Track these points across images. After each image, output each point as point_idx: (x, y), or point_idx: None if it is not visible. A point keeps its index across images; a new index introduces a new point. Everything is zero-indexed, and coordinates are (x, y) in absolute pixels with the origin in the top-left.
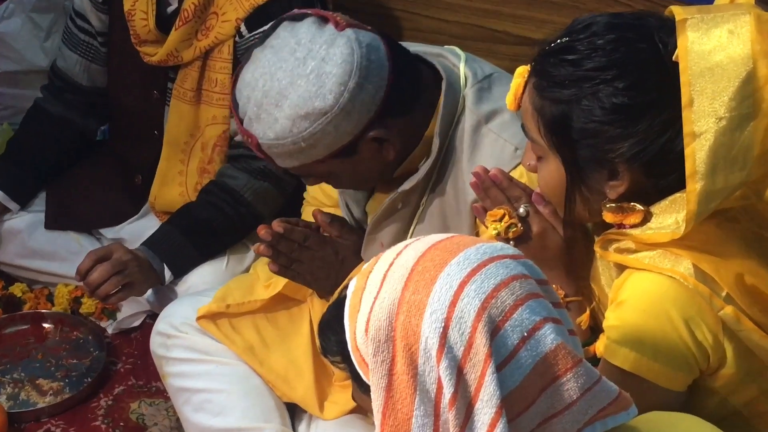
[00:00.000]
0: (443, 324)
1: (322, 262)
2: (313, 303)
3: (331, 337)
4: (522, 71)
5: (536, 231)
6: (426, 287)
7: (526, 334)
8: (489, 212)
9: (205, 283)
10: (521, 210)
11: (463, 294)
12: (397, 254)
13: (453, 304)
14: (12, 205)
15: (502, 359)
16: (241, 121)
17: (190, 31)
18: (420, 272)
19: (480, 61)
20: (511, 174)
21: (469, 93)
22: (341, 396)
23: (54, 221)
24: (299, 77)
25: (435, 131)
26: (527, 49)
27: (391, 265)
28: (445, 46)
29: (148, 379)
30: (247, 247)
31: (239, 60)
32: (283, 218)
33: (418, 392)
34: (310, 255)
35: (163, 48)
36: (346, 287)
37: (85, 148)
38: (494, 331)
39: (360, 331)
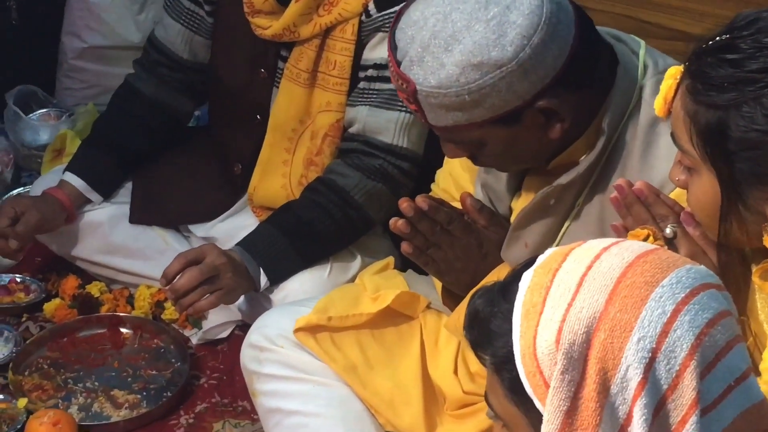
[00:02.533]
0: (650, 354)
1: (462, 252)
2: (425, 320)
3: (485, 330)
4: (674, 72)
5: (684, 255)
6: (635, 307)
7: (733, 382)
8: (630, 232)
9: (304, 291)
10: (668, 231)
11: (676, 324)
12: (595, 257)
13: (664, 333)
14: (94, 196)
15: (705, 406)
16: (399, 63)
17: (311, 4)
18: (628, 287)
19: (661, 54)
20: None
21: (647, 84)
22: (453, 427)
23: (139, 215)
24: (478, 21)
25: (604, 121)
26: (681, 44)
27: (588, 268)
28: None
29: (234, 398)
30: (353, 255)
31: (363, 42)
32: (427, 195)
33: (602, 425)
34: (451, 241)
35: (279, 21)
36: (513, 279)
37: (178, 134)
38: (703, 373)
39: (546, 339)
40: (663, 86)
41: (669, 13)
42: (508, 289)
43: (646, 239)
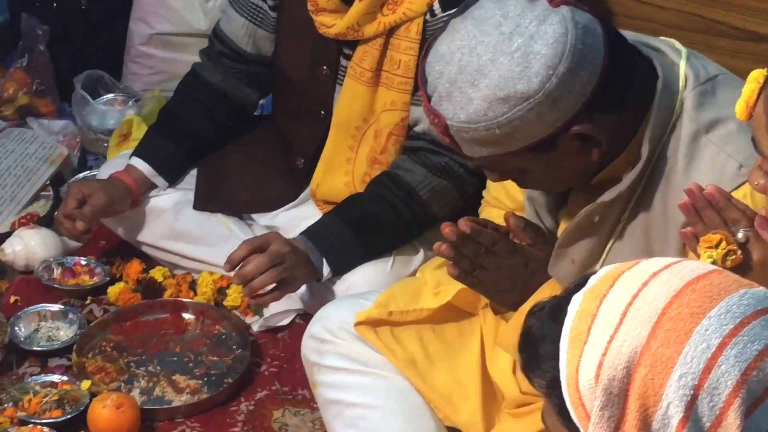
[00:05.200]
0: (692, 392)
1: (508, 272)
2: (485, 318)
3: (534, 352)
4: (757, 75)
5: (757, 260)
6: (678, 341)
7: None
8: (703, 237)
9: (366, 284)
10: (740, 235)
11: (721, 359)
12: (643, 285)
13: (708, 369)
14: (159, 182)
15: None
16: (429, 99)
17: (375, 3)
18: (673, 319)
19: (703, 59)
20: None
21: (688, 96)
22: (511, 425)
23: (203, 202)
24: (502, 54)
25: (645, 136)
26: (751, 45)
27: (634, 297)
28: (663, 38)
29: (294, 386)
30: (415, 248)
31: (428, 41)
32: (470, 218)
33: None
34: (497, 262)
35: (343, 20)
36: (564, 299)
37: (243, 124)
38: (749, 410)
39: (587, 373)
40: (745, 90)
41: (741, 12)
42: (559, 309)
43: (718, 244)
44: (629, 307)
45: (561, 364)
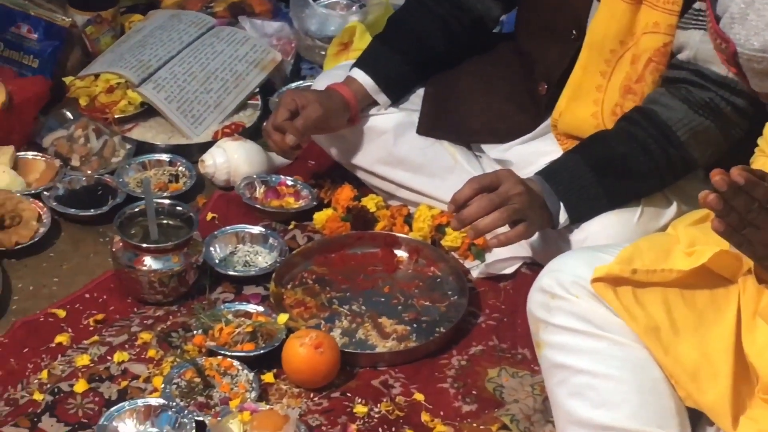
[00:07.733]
0: None
1: None
2: (745, 285)
3: None
4: None
5: None
6: None
7: None
8: None
9: (608, 236)
10: None
11: None
12: None
13: None
14: (381, 99)
15: None
16: (717, 20)
17: None
18: None
19: None
20: None
21: None
22: (764, 413)
23: (428, 126)
24: None
25: None
26: None
27: None
28: None
29: (515, 343)
30: (668, 200)
31: None
32: (744, 167)
33: None
34: None
35: None
36: None
37: (481, 41)
38: None
39: None
40: None
41: None
42: None
43: None
44: None
45: None
